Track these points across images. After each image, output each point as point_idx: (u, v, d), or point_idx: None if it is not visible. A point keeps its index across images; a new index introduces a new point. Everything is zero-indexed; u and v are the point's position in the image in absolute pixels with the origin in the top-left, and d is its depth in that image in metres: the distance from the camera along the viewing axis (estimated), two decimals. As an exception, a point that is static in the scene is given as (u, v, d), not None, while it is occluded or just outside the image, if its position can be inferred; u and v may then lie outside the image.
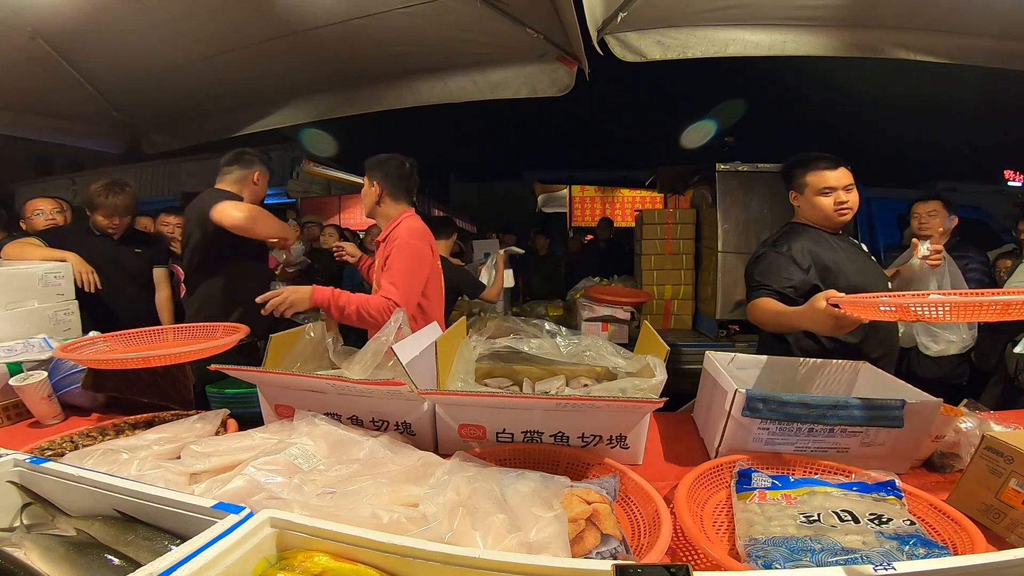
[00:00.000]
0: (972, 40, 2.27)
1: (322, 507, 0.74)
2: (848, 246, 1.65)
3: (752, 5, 2.15)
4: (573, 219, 7.73)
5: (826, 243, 1.60)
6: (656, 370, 1.16)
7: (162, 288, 2.57)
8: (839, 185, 1.58)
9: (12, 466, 0.80)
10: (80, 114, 3.11)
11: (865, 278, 1.58)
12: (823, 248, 1.58)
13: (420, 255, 1.77)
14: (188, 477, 0.92)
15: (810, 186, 1.61)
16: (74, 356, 1.37)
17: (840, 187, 1.58)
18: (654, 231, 3.86)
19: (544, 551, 0.67)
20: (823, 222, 1.64)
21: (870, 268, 1.65)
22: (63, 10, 2.16)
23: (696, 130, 8.60)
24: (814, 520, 0.80)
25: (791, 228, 1.69)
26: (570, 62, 2.55)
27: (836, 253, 1.58)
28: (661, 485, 0.93)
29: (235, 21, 2.37)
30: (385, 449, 0.96)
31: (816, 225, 1.65)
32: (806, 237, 1.61)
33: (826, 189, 1.59)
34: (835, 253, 1.58)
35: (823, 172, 1.59)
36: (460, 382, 1.26)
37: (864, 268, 1.62)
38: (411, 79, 2.97)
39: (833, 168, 1.58)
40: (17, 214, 2.98)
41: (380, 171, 1.85)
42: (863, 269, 1.61)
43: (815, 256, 1.56)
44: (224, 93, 3.07)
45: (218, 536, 0.60)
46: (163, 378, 1.45)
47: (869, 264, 1.66)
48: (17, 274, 1.82)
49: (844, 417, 1.00)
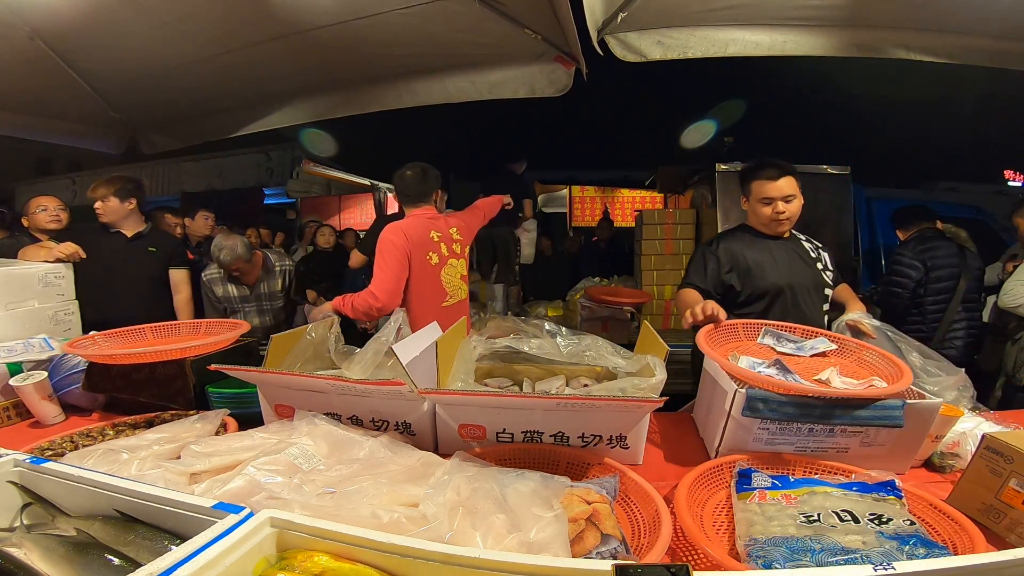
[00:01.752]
0: (972, 40, 2.27)
1: (322, 507, 0.74)
2: (784, 250, 1.73)
3: (752, 5, 2.15)
4: (573, 219, 7.71)
5: (759, 246, 1.72)
6: (656, 370, 1.16)
7: (181, 290, 2.52)
8: (779, 195, 1.66)
9: (12, 466, 0.81)
10: (79, 114, 3.11)
11: (784, 281, 1.67)
12: (752, 250, 1.70)
13: (390, 246, 1.93)
14: (188, 477, 0.92)
15: (753, 194, 1.71)
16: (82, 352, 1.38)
17: (780, 197, 1.66)
18: (654, 231, 3.86)
19: (544, 551, 0.67)
20: (763, 228, 1.75)
21: (800, 273, 1.71)
22: (62, 10, 2.16)
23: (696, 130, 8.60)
24: (814, 520, 0.80)
25: (735, 228, 1.84)
26: (568, 62, 2.55)
27: (763, 255, 1.69)
28: (661, 485, 0.94)
29: (234, 22, 2.36)
30: (385, 449, 0.96)
31: (759, 229, 1.77)
32: (738, 239, 1.75)
33: (766, 199, 1.68)
34: (762, 255, 1.69)
35: (764, 183, 1.67)
36: (460, 382, 1.26)
37: (791, 272, 1.69)
38: (410, 79, 2.97)
39: (776, 179, 1.65)
40: (18, 214, 2.98)
41: (394, 185, 2.16)
42: (789, 273, 1.69)
43: (738, 257, 1.70)
44: (223, 94, 3.07)
45: (218, 536, 0.60)
46: (163, 378, 1.45)
47: (802, 270, 1.72)
48: (17, 274, 1.82)
49: (844, 417, 1.00)
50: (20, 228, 2.74)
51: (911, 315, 2.81)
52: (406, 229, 1.98)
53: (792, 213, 1.68)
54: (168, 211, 3.44)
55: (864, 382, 1.12)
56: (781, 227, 1.72)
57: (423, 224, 2.04)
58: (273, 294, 2.70)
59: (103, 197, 2.33)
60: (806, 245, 1.80)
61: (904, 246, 2.88)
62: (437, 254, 2.05)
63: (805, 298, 1.69)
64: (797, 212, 1.69)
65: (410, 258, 1.95)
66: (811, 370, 1.20)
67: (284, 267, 2.76)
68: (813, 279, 1.72)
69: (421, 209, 2.10)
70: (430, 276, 2.03)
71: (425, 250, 2.01)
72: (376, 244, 1.97)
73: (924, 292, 2.76)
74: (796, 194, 1.68)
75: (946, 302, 2.74)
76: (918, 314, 2.80)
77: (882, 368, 1.19)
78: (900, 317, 2.81)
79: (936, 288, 2.75)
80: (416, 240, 1.98)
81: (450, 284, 2.11)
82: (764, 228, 1.75)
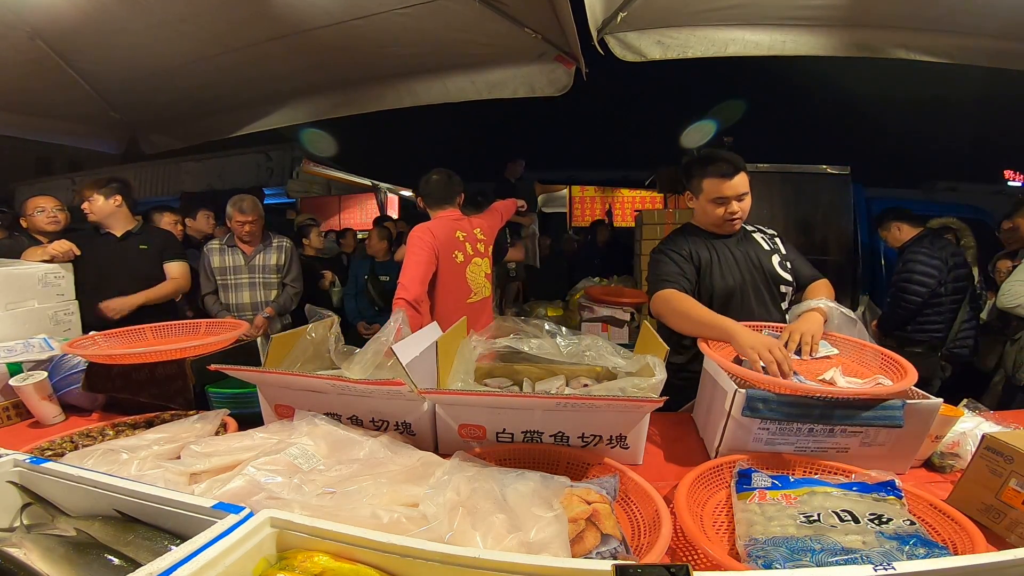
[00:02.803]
0: (972, 40, 2.28)
1: (322, 507, 0.74)
2: (737, 249, 1.62)
3: (752, 5, 2.16)
4: (573, 219, 7.72)
5: (708, 246, 1.61)
6: (656, 369, 1.16)
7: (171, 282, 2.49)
8: (733, 194, 1.54)
9: (12, 466, 0.80)
10: (79, 114, 3.12)
11: (736, 282, 1.56)
12: (703, 251, 1.60)
13: (419, 242, 1.99)
14: (188, 477, 0.92)
15: (705, 192, 1.58)
16: (82, 352, 1.38)
17: (733, 196, 1.54)
18: (654, 231, 3.86)
19: (544, 551, 0.67)
20: (712, 228, 1.63)
21: (751, 272, 1.59)
22: (62, 11, 2.16)
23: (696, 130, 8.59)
24: (814, 520, 0.80)
25: (682, 228, 1.71)
26: (568, 62, 2.55)
27: (712, 255, 1.59)
28: (661, 485, 0.93)
29: (234, 22, 2.37)
30: (385, 449, 0.96)
31: (708, 229, 1.65)
32: (688, 239, 1.63)
33: (719, 199, 1.55)
34: (711, 255, 1.59)
35: (718, 180, 1.54)
36: (460, 382, 1.26)
37: (743, 272, 1.58)
38: (410, 79, 2.97)
39: (730, 177, 1.53)
40: (18, 214, 2.97)
41: (420, 188, 2.23)
42: (740, 274, 1.58)
43: (692, 257, 1.58)
44: (223, 93, 3.07)
45: (218, 536, 0.60)
46: (163, 378, 1.45)
47: (754, 268, 1.60)
48: (17, 274, 1.82)
49: (844, 417, 1.00)
50: (20, 228, 2.74)
51: (924, 315, 2.71)
52: (433, 228, 2.06)
53: (744, 211, 1.57)
54: (167, 210, 3.44)
55: (870, 380, 1.12)
56: (734, 227, 1.62)
57: (449, 225, 2.12)
58: (267, 267, 2.79)
59: (88, 197, 2.33)
60: (757, 238, 1.68)
61: (918, 245, 2.74)
62: (463, 253, 2.13)
63: (758, 298, 1.58)
64: (747, 210, 1.58)
65: (438, 255, 2.01)
66: (814, 371, 1.20)
67: (282, 244, 2.87)
68: (765, 277, 1.61)
69: (446, 211, 2.18)
70: (456, 273, 2.10)
71: (452, 249, 2.08)
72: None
73: (944, 291, 2.66)
74: (748, 190, 1.56)
75: (959, 303, 2.69)
76: (934, 314, 2.70)
77: (885, 367, 1.18)
78: (911, 318, 2.72)
79: (953, 288, 2.67)
80: (443, 239, 2.05)
81: (475, 282, 2.18)
82: (714, 228, 1.63)
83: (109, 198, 2.36)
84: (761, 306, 1.58)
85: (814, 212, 3.99)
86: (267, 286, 2.79)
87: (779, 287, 1.62)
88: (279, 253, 2.83)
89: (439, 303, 2.05)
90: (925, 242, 2.73)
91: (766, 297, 1.59)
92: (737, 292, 1.57)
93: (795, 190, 3.99)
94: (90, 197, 2.33)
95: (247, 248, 2.75)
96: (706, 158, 1.58)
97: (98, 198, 2.33)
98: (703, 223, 1.66)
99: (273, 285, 2.82)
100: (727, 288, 1.56)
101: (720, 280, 1.57)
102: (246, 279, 2.73)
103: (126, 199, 2.42)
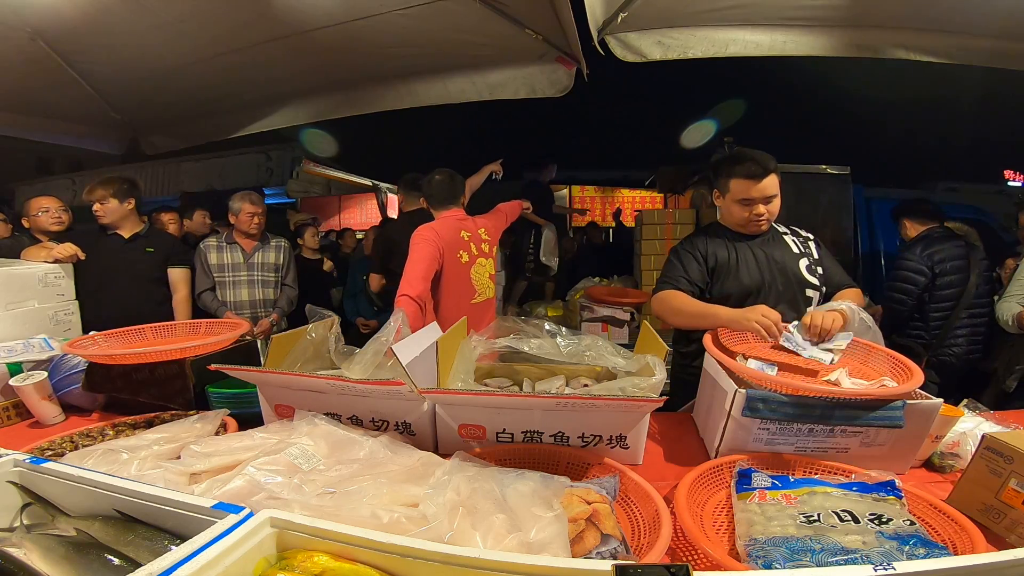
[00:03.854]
0: (972, 40, 2.28)
1: (322, 507, 0.74)
2: (760, 250, 1.59)
3: (752, 5, 2.15)
4: (573, 219, 7.73)
5: (731, 246, 1.59)
6: (656, 369, 1.16)
7: (180, 289, 2.53)
8: (760, 196, 1.50)
9: (12, 466, 0.80)
10: (79, 115, 3.12)
11: (754, 284, 1.54)
12: (724, 250, 1.58)
13: (423, 241, 1.98)
14: (188, 477, 0.92)
15: (731, 192, 1.55)
16: (82, 352, 1.38)
17: (761, 198, 1.50)
18: (654, 231, 3.86)
19: (544, 551, 0.67)
20: (738, 228, 1.62)
21: (774, 274, 1.56)
22: (63, 11, 2.16)
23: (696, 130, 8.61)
24: (814, 520, 0.80)
25: (707, 227, 1.70)
26: (569, 63, 2.55)
27: (732, 255, 1.57)
28: (661, 485, 0.93)
29: (234, 22, 2.37)
30: (385, 449, 0.96)
31: (733, 229, 1.63)
32: (711, 238, 1.62)
33: (746, 200, 1.52)
34: (731, 255, 1.57)
35: (747, 182, 1.50)
36: (460, 382, 1.26)
37: (764, 274, 1.56)
38: (410, 80, 2.97)
39: (760, 179, 1.48)
40: (18, 214, 2.98)
41: (423, 190, 2.26)
42: (761, 276, 1.55)
43: (710, 256, 1.58)
44: (224, 94, 3.07)
45: (218, 536, 0.60)
46: (163, 378, 1.45)
47: (777, 271, 1.57)
48: (17, 274, 1.82)
49: (844, 418, 1.00)
50: (20, 228, 2.74)
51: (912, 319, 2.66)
52: (438, 228, 2.06)
53: (772, 212, 1.54)
54: (164, 210, 3.44)
55: (875, 382, 1.11)
56: (760, 228, 1.59)
57: (453, 225, 2.12)
58: (266, 265, 2.78)
59: (102, 199, 2.33)
60: (788, 240, 1.63)
61: (910, 248, 2.69)
62: (467, 253, 2.13)
63: (780, 300, 1.54)
64: (776, 212, 1.55)
65: (442, 255, 2.01)
66: (819, 372, 1.20)
67: (280, 244, 2.87)
68: (788, 279, 1.57)
69: (450, 211, 2.18)
70: (461, 273, 2.10)
71: (456, 249, 2.08)
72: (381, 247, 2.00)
73: (928, 298, 2.60)
74: (778, 193, 1.52)
75: (950, 309, 2.59)
76: (919, 319, 2.64)
77: (891, 368, 1.18)
78: (904, 322, 2.68)
79: (941, 295, 2.59)
80: (448, 239, 2.05)
81: (479, 282, 2.18)
82: (739, 228, 1.61)
83: (123, 201, 2.36)
84: (783, 308, 1.52)
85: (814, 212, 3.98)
86: (266, 284, 2.78)
87: (804, 291, 1.58)
88: (278, 252, 2.83)
89: (443, 303, 2.04)
90: (918, 246, 2.66)
91: (789, 299, 1.56)
92: (755, 292, 1.54)
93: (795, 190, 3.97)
94: (103, 199, 2.33)
95: (246, 245, 2.75)
96: (736, 157, 1.54)
97: (112, 201, 2.34)
98: (728, 222, 1.64)
99: (272, 284, 2.82)
100: (744, 288, 1.54)
101: (738, 280, 1.55)
102: (245, 276, 2.72)
103: (138, 202, 2.44)
